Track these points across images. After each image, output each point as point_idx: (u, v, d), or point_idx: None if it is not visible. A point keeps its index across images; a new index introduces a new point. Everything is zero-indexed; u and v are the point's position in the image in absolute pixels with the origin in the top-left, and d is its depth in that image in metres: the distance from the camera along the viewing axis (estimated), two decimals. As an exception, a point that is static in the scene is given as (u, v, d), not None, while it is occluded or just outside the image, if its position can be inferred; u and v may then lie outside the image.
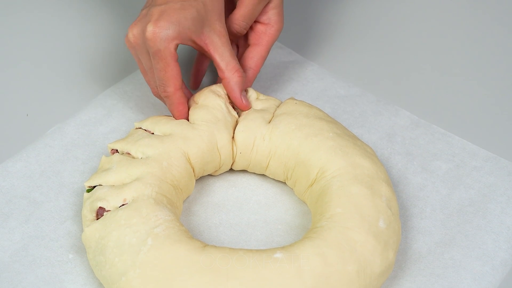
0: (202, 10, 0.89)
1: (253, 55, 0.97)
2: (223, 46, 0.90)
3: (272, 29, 0.97)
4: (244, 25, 0.95)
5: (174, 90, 0.89)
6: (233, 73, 0.91)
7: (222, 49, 0.90)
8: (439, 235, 0.87)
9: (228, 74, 0.90)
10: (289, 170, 0.89)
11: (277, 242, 0.86)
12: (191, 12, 0.87)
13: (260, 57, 0.97)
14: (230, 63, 0.90)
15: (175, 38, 0.86)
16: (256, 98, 0.94)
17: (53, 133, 0.95)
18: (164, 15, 0.86)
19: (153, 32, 0.85)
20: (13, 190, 0.89)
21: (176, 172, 0.85)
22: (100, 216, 0.81)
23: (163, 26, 0.85)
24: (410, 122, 1.00)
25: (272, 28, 0.97)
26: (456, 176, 0.93)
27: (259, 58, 0.97)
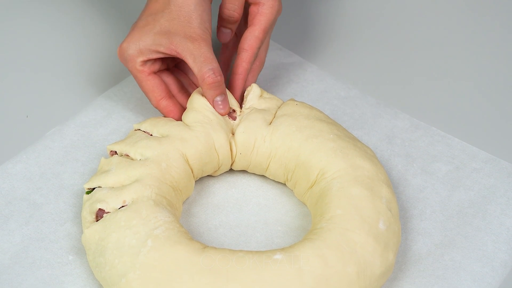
0: (166, 22, 0.89)
1: (246, 35, 0.95)
2: (196, 50, 0.88)
3: (264, 8, 0.95)
4: (233, 7, 0.94)
5: (156, 102, 0.93)
6: (204, 79, 0.89)
7: (195, 54, 0.88)
8: (439, 237, 0.87)
9: (200, 79, 0.89)
10: (289, 171, 0.89)
11: (277, 243, 0.86)
12: (152, 27, 0.89)
13: (254, 37, 0.95)
14: (202, 68, 0.88)
15: (137, 56, 0.90)
16: (260, 95, 0.94)
17: (52, 135, 0.95)
18: (128, 36, 0.91)
19: (119, 54, 0.92)
20: (13, 192, 0.89)
21: (175, 173, 0.85)
22: (99, 217, 0.81)
23: (124, 47, 0.91)
24: (410, 124, 1.00)
25: (264, 6, 0.95)
26: (456, 178, 0.93)
27: (252, 38, 0.94)
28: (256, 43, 0.94)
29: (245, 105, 0.93)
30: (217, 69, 0.89)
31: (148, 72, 0.92)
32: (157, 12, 0.91)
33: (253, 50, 0.94)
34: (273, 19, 0.95)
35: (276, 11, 0.95)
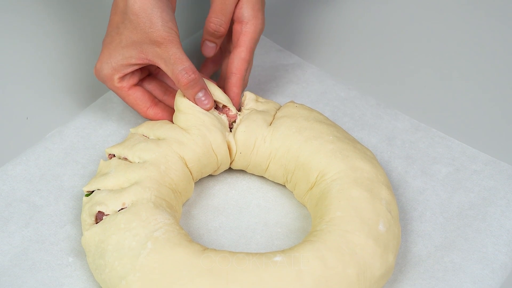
0: (130, 33, 0.89)
1: (233, 58, 0.94)
2: (165, 53, 0.87)
3: (248, 27, 0.94)
4: (218, 22, 0.93)
5: (143, 113, 0.93)
6: (178, 80, 0.88)
7: (165, 57, 0.87)
8: (439, 239, 0.87)
9: (175, 81, 0.88)
10: (289, 173, 0.89)
11: (277, 245, 0.86)
12: (119, 42, 0.89)
13: (240, 59, 0.94)
14: (174, 70, 0.87)
15: (112, 74, 0.90)
16: (256, 100, 0.94)
17: (52, 137, 0.95)
18: (100, 56, 0.91)
19: (96, 75, 0.92)
20: (12, 194, 0.89)
21: (174, 176, 0.85)
22: (99, 220, 0.81)
23: (98, 68, 0.91)
24: (410, 126, 1.00)
25: (248, 25, 0.94)
26: (456, 180, 0.93)
27: (239, 60, 0.94)
28: (244, 65, 0.94)
29: (244, 108, 0.93)
30: (189, 68, 0.87)
31: (128, 87, 0.91)
32: (118, 24, 0.90)
33: (242, 73, 0.94)
34: (256, 38, 0.95)
35: (259, 30, 0.95)
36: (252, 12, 0.94)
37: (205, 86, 0.89)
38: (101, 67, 0.90)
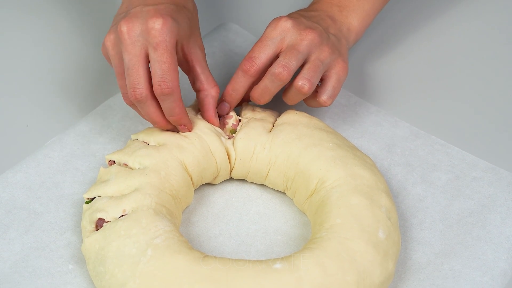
0: (191, 20, 0.89)
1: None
2: (204, 60, 0.91)
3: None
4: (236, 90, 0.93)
5: (177, 83, 0.85)
6: (212, 87, 0.91)
7: (204, 63, 0.91)
8: (438, 246, 0.87)
9: (207, 86, 0.91)
10: (289, 180, 0.89)
11: (277, 252, 0.86)
12: (185, 17, 0.87)
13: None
14: (209, 77, 0.91)
15: (177, 34, 0.85)
16: (253, 110, 0.94)
17: (52, 144, 0.95)
18: (164, 12, 0.84)
19: (161, 23, 0.83)
20: (13, 201, 0.89)
21: (175, 182, 0.85)
22: (99, 227, 0.81)
23: (169, 20, 0.83)
24: (410, 133, 1.00)
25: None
26: (455, 187, 0.93)
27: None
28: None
29: (243, 117, 0.93)
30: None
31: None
32: (178, 2, 0.88)
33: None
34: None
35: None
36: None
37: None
38: (173, 23, 0.84)
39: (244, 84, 0.91)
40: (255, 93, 0.92)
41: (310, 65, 0.90)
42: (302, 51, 0.89)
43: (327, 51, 0.90)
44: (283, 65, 0.88)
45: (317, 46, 0.90)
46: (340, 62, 0.92)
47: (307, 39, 0.89)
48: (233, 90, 0.92)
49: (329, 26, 0.95)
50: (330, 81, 0.92)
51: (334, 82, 0.92)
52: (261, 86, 0.91)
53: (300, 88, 0.89)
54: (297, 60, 0.89)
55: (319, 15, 0.96)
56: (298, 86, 0.89)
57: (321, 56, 0.90)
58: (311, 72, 0.89)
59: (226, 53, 1.10)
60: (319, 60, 0.90)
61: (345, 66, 0.92)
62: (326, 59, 0.90)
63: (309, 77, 0.89)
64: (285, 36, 0.90)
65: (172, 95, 0.84)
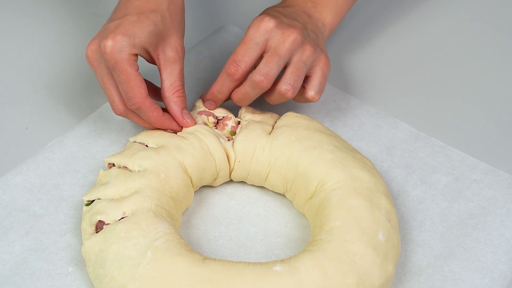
0: (160, 24, 0.88)
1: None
2: (174, 63, 0.90)
3: None
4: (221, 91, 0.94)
5: (142, 99, 0.87)
6: (172, 94, 0.90)
7: (172, 67, 0.90)
8: (438, 248, 0.87)
9: (168, 94, 0.90)
10: (289, 182, 0.89)
11: (277, 255, 0.86)
12: (147, 25, 0.87)
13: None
14: (174, 83, 0.90)
15: (131, 49, 0.86)
16: (252, 113, 0.94)
17: (52, 146, 0.95)
18: (120, 28, 0.86)
19: (110, 45, 0.85)
20: (13, 203, 0.89)
21: (174, 184, 0.85)
22: (99, 229, 0.81)
23: (118, 39, 0.85)
24: (410, 135, 1.00)
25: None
26: (455, 189, 0.93)
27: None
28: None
29: (242, 119, 0.93)
30: (182, 88, 0.91)
31: (137, 68, 0.88)
32: (147, 10, 0.89)
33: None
34: None
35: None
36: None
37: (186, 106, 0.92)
38: (123, 39, 0.85)
39: (229, 86, 0.92)
40: (235, 96, 0.93)
41: (293, 69, 0.91)
42: (283, 56, 0.90)
43: (309, 50, 0.91)
44: (264, 74, 0.89)
45: (299, 46, 0.91)
46: (323, 58, 0.93)
47: (289, 40, 0.90)
48: (218, 91, 0.93)
49: (307, 22, 0.96)
50: (316, 77, 0.93)
51: (320, 77, 0.93)
52: (242, 91, 0.92)
53: (284, 94, 0.90)
54: (278, 66, 0.90)
55: (296, 12, 0.97)
56: (282, 91, 0.90)
57: (304, 57, 0.91)
58: (294, 76, 0.90)
59: (226, 55, 1.09)
60: (301, 62, 0.91)
61: (327, 61, 0.94)
62: (309, 59, 0.91)
63: (292, 82, 0.90)
64: (268, 37, 0.90)
65: (141, 109, 0.88)
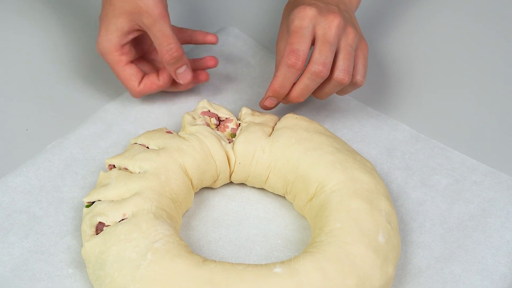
0: (121, 2, 0.92)
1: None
2: (153, 27, 0.93)
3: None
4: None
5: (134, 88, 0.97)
6: (163, 55, 0.94)
7: (153, 31, 0.93)
8: (438, 250, 0.87)
9: (160, 56, 0.95)
10: (289, 184, 0.89)
11: (277, 256, 0.86)
12: (112, 13, 0.93)
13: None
14: (160, 46, 0.94)
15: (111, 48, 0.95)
16: (252, 114, 0.94)
17: (53, 148, 0.95)
18: (98, 32, 0.95)
19: (98, 52, 0.96)
20: (13, 205, 0.89)
21: (175, 185, 0.85)
22: (99, 231, 0.81)
23: (98, 44, 0.95)
24: (410, 137, 1.00)
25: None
26: (455, 191, 0.93)
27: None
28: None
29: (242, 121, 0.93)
30: (173, 46, 0.93)
31: (125, 63, 0.96)
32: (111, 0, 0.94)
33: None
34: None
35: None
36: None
37: (187, 62, 0.95)
38: (101, 41, 0.94)
39: (292, 78, 0.91)
40: (295, 92, 0.92)
41: (343, 55, 0.91)
42: (333, 42, 0.90)
43: (352, 33, 0.91)
44: (321, 63, 0.89)
45: (343, 30, 0.91)
46: (362, 41, 0.94)
47: (334, 25, 0.90)
48: (280, 86, 0.92)
49: (338, 3, 0.96)
50: (359, 61, 0.93)
51: (363, 60, 0.94)
52: (301, 85, 0.91)
53: (340, 80, 0.91)
54: (332, 54, 0.90)
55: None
56: (339, 79, 0.91)
57: (349, 40, 0.91)
58: (347, 61, 0.91)
59: (227, 57, 1.10)
60: (349, 46, 0.91)
61: (365, 41, 0.95)
62: (354, 42, 0.92)
63: (346, 67, 0.91)
64: (314, 23, 0.90)
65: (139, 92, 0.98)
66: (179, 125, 0.99)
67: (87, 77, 1.06)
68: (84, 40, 1.11)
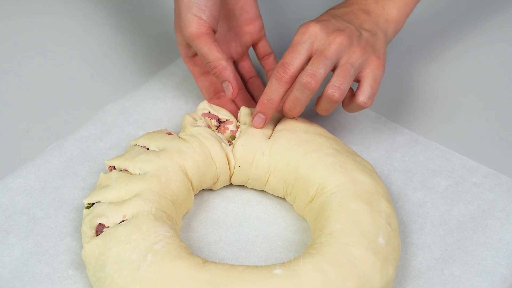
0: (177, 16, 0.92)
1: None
2: (195, 47, 0.92)
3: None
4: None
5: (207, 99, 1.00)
6: (210, 70, 0.93)
7: (197, 47, 0.92)
8: (438, 251, 0.87)
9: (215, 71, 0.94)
10: (289, 186, 0.89)
11: (277, 258, 0.86)
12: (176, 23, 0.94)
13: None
14: (206, 61, 0.92)
15: (184, 60, 0.98)
16: (251, 114, 0.94)
17: (53, 150, 0.95)
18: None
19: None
20: (13, 206, 0.89)
21: (175, 187, 0.85)
22: (99, 232, 0.81)
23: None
24: (410, 139, 1.00)
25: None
26: (455, 193, 0.93)
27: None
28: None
29: (241, 123, 0.93)
30: (214, 62, 0.91)
31: (199, 74, 0.99)
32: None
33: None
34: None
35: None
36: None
37: (229, 79, 0.92)
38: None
39: (279, 92, 0.89)
40: (286, 105, 0.91)
41: (339, 71, 0.88)
42: (330, 57, 0.88)
43: (358, 52, 0.89)
44: (310, 74, 0.87)
45: (346, 48, 0.88)
46: (374, 59, 0.90)
47: (335, 42, 0.88)
48: (268, 100, 0.90)
49: (364, 22, 0.93)
50: (366, 81, 0.90)
51: (371, 81, 0.90)
52: (291, 97, 0.90)
53: (330, 96, 0.88)
54: (325, 67, 0.87)
55: (352, 11, 0.94)
56: (328, 94, 0.88)
57: (351, 59, 0.88)
58: (341, 78, 0.88)
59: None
60: (349, 64, 0.88)
61: (380, 62, 0.91)
62: (357, 61, 0.89)
63: (339, 84, 0.88)
64: (313, 40, 0.89)
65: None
66: (180, 127, 0.99)
67: (87, 78, 1.06)
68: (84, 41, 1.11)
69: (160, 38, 1.14)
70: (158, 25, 1.16)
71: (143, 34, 1.15)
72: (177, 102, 1.03)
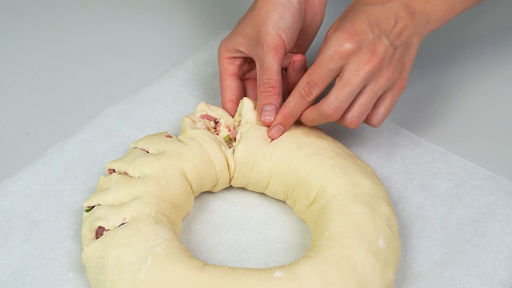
0: (246, 23, 0.93)
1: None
2: (262, 57, 0.91)
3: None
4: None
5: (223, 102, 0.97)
6: (259, 86, 0.92)
7: (261, 60, 0.91)
8: (438, 254, 0.87)
9: (257, 85, 0.93)
10: (289, 189, 0.89)
11: (277, 261, 0.86)
12: (238, 28, 0.95)
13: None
14: (260, 76, 0.91)
15: (223, 52, 0.97)
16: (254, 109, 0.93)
17: (52, 152, 0.95)
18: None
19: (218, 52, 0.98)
20: (12, 209, 0.89)
21: (174, 190, 0.85)
22: (99, 235, 0.81)
23: (220, 43, 0.97)
24: (410, 141, 1.00)
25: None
26: (455, 195, 0.93)
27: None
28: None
29: (242, 119, 0.93)
30: (270, 80, 0.90)
31: (230, 73, 0.97)
32: (246, 13, 0.94)
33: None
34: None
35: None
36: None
37: (276, 103, 0.91)
38: (222, 43, 0.96)
39: (301, 108, 0.89)
40: (303, 118, 0.91)
41: (362, 101, 0.87)
42: (355, 88, 0.85)
43: (386, 77, 0.86)
44: (333, 108, 0.86)
45: (375, 75, 0.86)
46: (399, 82, 0.88)
47: (364, 70, 0.84)
48: (291, 114, 0.90)
49: (404, 28, 0.87)
50: (383, 104, 0.89)
51: (388, 105, 0.89)
52: (310, 117, 0.89)
53: (347, 125, 0.89)
54: (349, 99, 0.86)
55: (397, 10, 0.87)
56: (346, 122, 0.88)
57: (377, 85, 0.86)
58: (362, 109, 0.87)
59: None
60: (373, 92, 0.86)
61: (403, 84, 0.89)
62: (383, 88, 0.87)
63: (358, 115, 0.88)
64: (344, 63, 0.86)
65: (224, 107, 0.98)
66: (179, 129, 0.99)
67: (87, 81, 1.06)
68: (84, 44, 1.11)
69: (160, 40, 1.14)
70: (158, 28, 1.16)
71: (143, 37, 1.15)
72: (177, 104, 1.03)
